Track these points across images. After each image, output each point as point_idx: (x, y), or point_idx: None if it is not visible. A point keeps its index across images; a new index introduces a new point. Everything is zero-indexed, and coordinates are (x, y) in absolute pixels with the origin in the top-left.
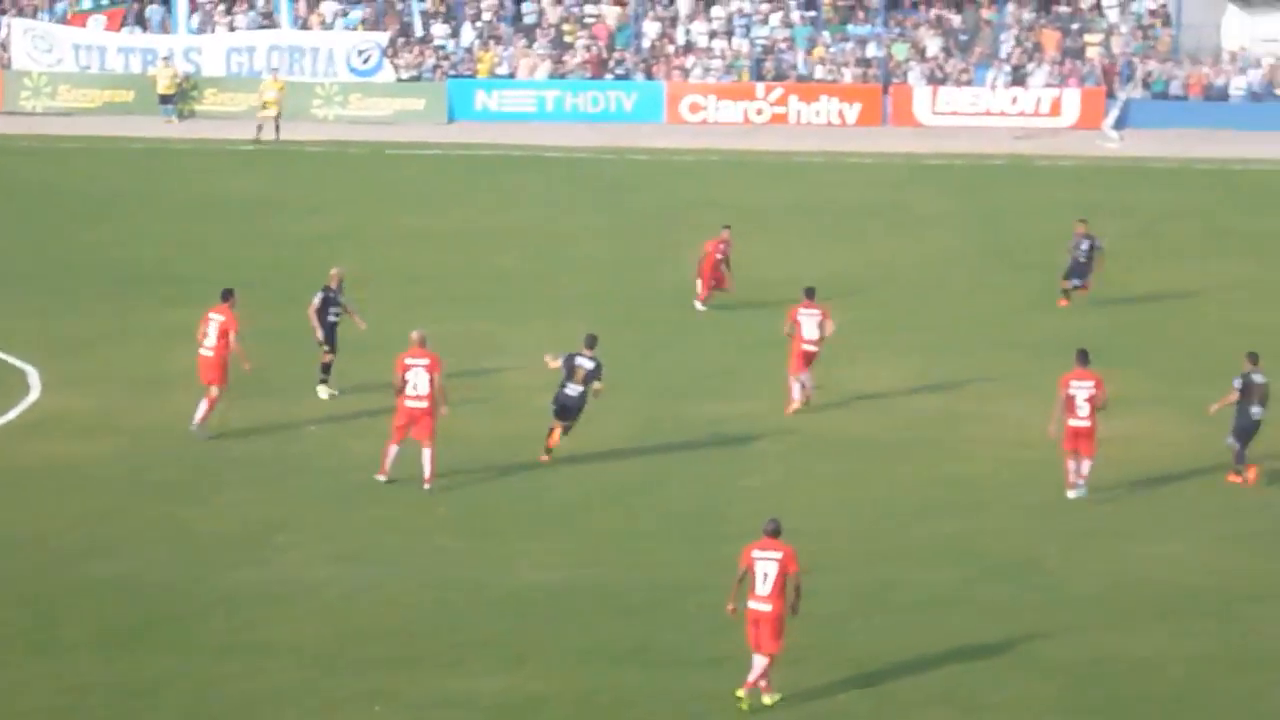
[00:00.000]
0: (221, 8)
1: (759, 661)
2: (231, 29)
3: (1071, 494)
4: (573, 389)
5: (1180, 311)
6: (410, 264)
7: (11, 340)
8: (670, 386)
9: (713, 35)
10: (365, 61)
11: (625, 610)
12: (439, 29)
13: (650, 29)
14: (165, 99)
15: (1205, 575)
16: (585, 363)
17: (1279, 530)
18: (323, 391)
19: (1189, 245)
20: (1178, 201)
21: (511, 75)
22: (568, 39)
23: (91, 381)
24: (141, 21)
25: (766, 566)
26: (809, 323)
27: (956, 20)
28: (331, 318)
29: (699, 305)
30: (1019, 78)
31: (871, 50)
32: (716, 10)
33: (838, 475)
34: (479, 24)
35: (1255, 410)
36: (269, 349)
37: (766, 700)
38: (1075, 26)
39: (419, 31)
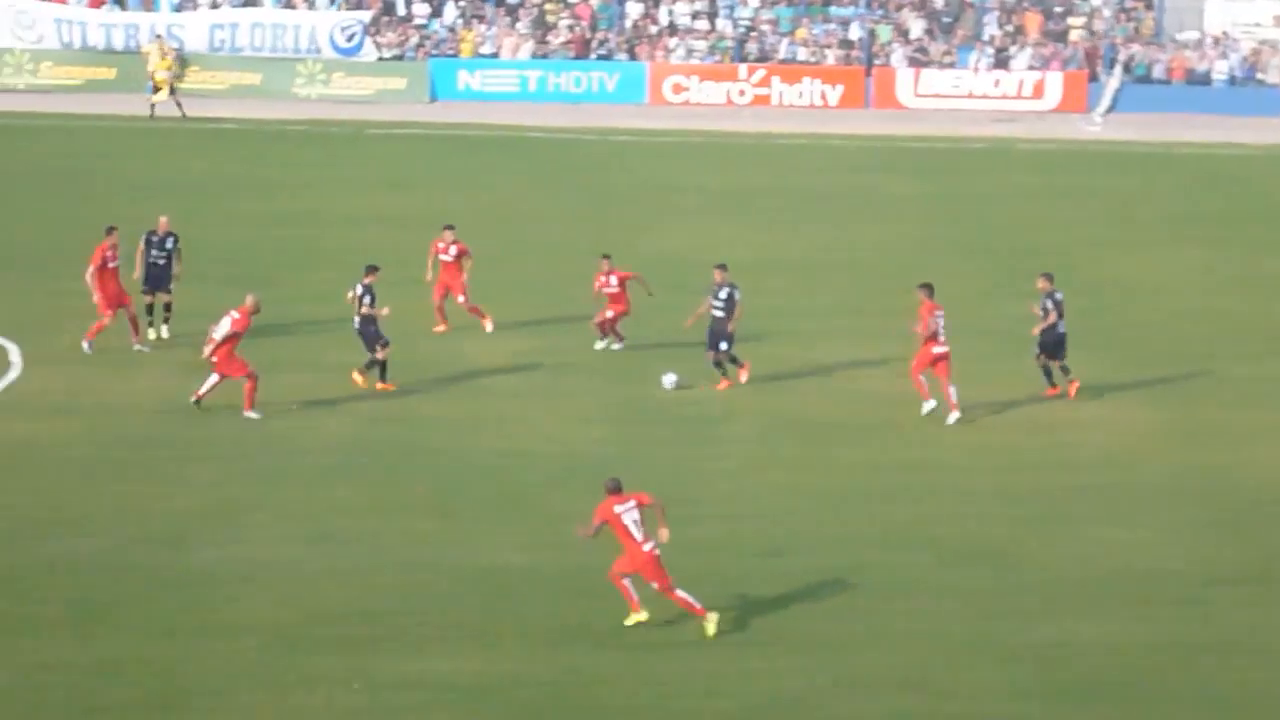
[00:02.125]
0: None
1: (683, 595)
2: (214, 5)
3: (953, 416)
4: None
5: (1147, 296)
6: (388, 244)
7: None
8: (640, 367)
9: (696, 16)
10: (348, 40)
11: (596, 592)
12: (421, 8)
13: (633, 9)
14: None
15: (1169, 560)
16: (357, 288)
17: (1245, 515)
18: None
19: (1161, 230)
20: (1154, 186)
21: (494, 55)
22: (550, 19)
23: (67, 360)
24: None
25: (632, 515)
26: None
27: (940, 2)
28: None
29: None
30: (1001, 60)
31: (854, 32)
32: None
33: (804, 458)
34: (462, 3)
35: (1060, 326)
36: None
37: (711, 627)
38: (1058, 9)
39: (402, 10)
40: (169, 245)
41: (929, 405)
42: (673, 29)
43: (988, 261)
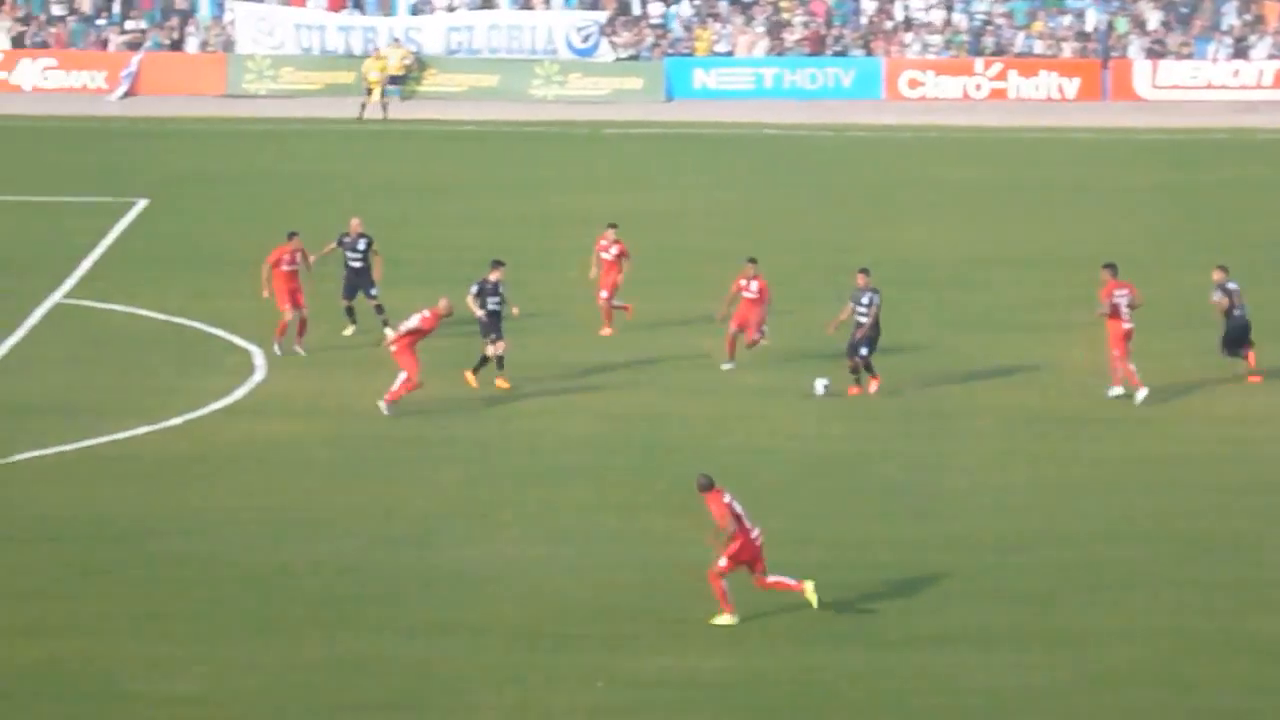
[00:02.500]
0: None
1: (775, 579)
2: (451, 8)
3: (1139, 395)
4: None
5: None
6: (628, 244)
7: (238, 322)
8: (878, 365)
9: (930, 10)
10: (584, 40)
11: (841, 588)
12: (656, 7)
13: (868, 5)
14: (394, 79)
15: None
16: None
17: None
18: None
19: None
20: None
21: (729, 53)
22: (785, 16)
23: (309, 362)
24: (359, 3)
25: (737, 505)
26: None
27: None
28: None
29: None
30: (1240, 50)
31: (1091, 23)
32: None
33: (1043, 452)
34: (697, 1)
35: (1238, 313)
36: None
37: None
38: None
39: (637, 10)
40: (361, 247)
41: (1142, 393)
42: (908, 24)
43: (1226, 254)
